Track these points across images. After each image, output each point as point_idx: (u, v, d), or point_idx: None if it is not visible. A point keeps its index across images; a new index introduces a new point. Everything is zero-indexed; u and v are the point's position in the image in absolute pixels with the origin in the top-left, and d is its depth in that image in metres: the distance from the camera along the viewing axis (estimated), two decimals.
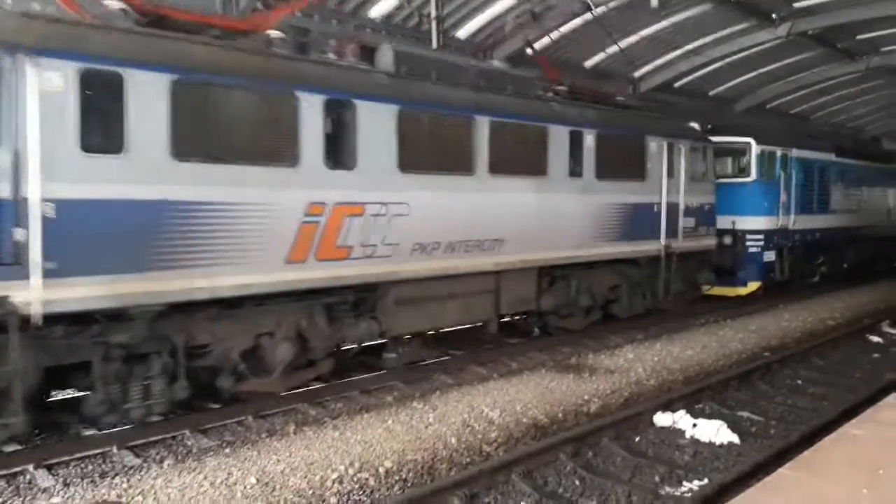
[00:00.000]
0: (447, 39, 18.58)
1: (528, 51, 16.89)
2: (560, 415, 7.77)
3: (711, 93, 32.57)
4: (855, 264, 19.57)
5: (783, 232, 15.77)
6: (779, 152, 15.71)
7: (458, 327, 10.42)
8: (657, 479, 6.33)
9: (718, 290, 14.82)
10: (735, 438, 7.19)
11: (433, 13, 15.05)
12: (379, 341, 8.87)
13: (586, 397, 8.35)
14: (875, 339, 12.49)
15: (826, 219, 17.56)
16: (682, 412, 7.71)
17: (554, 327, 11.25)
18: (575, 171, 10.51)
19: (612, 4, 20.72)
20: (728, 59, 27.45)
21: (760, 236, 15.14)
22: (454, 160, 8.87)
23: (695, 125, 15.09)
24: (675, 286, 12.72)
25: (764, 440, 7.26)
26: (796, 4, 23.65)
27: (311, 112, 7.31)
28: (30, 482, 5.88)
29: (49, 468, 6.09)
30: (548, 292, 10.55)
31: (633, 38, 23.92)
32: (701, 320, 13.17)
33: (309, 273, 7.37)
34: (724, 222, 14.53)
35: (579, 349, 10.68)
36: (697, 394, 8.46)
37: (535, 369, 9.52)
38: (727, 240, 14.66)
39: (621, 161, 11.31)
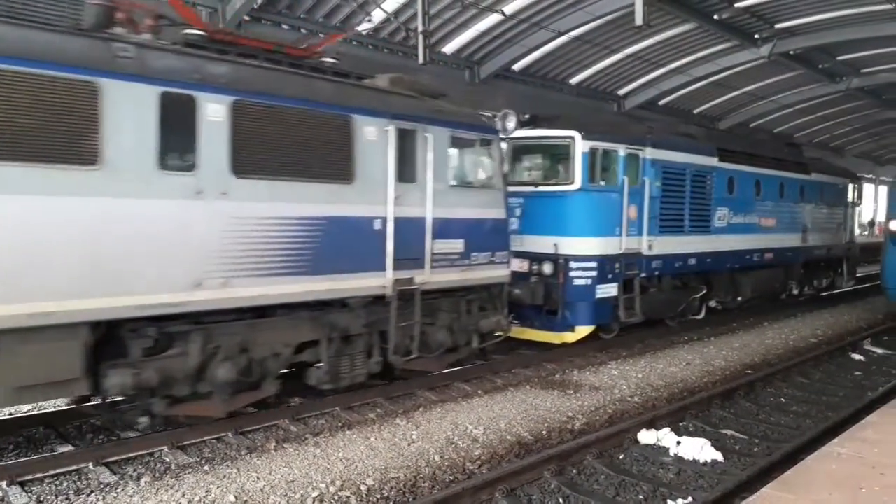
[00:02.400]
0: (434, 54, 18.67)
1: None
2: (544, 432, 7.72)
3: (696, 111, 32.99)
4: (758, 295, 15.81)
5: (632, 258, 11.62)
6: (622, 151, 11.45)
7: None
8: (641, 497, 6.30)
9: (536, 335, 11.36)
10: (719, 456, 7.18)
11: (420, 28, 15.10)
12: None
13: (570, 414, 8.32)
14: (857, 356, 12.58)
15: (707, 241, 13.50)
16: (666, 430, 7.70)
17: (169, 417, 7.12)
18: (176, 160, 6.53)
19: (587, 27, 20.97)
20: (712, 78, 27.86)
21: (591, 264, 11.04)
22: None
23: (501, 112, 11.28)
24: (435, 336, 9.05)
25: (747, 458, 7.26)
26: (778, 25, 24.08)
27: None
28: (2, 499, 5.73)
29: (22, 485, 5.94)
30: (122, 366, 6.37)
31: (618, 56, 24.21)
32: (684, 337, 13.20)
33: None
34: (544, 244, 11.06)
35: (564, 366, 10.65)
36: (681, 411, 8.46)
37: (519, 386, 9.48)
38: (547, 268, 11.01)
39: (299, 150, 7.34)
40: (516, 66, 23.15)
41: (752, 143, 16.86)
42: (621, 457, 7.26)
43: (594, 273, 11.10)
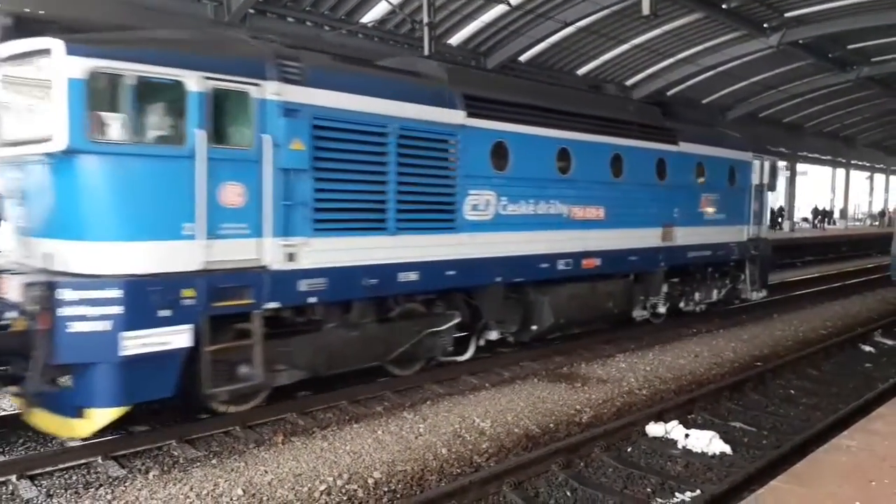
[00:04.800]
0: (440, 46, 18.61)
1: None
2: (552, 425, 7.71)
3: (704, 101, 32.78)
4: (575, 319, 11.01)
5: (238, 278, 6.86)
6: (192, 82, 6.48)
7: None
8: (649, 490, 6.28)
9: (45, 421, 6.64)
10: (727, 449, 7.15)
11: (425, 19, 15.04)
12: None
13: (578, 407, 8.30)
14: (867, 348, 12.49)
15: (449, 242, 8.77)
16: (674, 422, 7.67)
17: None
18: None
19: (594, 17, 20.83)
20: (720, 68, 27.67)
21: (110, 292, 6.13)
22: None
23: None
24: None
25: (756, 451, 7.22)
26: (788, 14, 23.86)
27: None
28: (12, 493, 5.78)
29: (32, 478, 5.98)
30: None
31: (625, 47, 24.06)
32: (693, 329, 13.15)
33: None
34: (38, 254, 6.62)
35: (572, 359, 10.63)
36: (690, 404, 8.42)
37: (527, 379, 9.47)
38: (27, 301, 6.04)
39: None
40: (523, 58, 23.07)
41: (561, 94, 11.04)
42: (629, 450, 7.24)
43: (118, 309, 6.09)
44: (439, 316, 9.17)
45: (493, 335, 10.17)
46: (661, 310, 12.95)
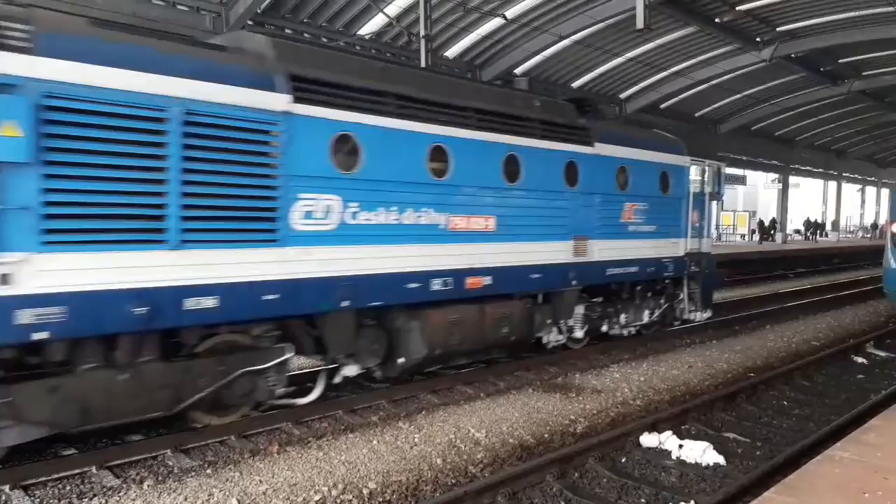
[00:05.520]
0: (436, 58, 18.73)
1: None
2: (546, 435, 7.73)
3: (697, 114, 33.02)
4: (455, 350, 9.04)
5: None
6: None
7: None
8: (643, 500, 6.30)
9: None
10: (721, 460, 7.17)
11: (422, 32, 15.15)
12: None
13: (573, 417, 8.32)
14: (860, 359, 12.55)
15: (270, 259, 7.04)
16: (668, 433, 7.69)
17: None
18: None
19: (588, 31, 21.01)
20: (713, 82, 27.91)
21: None
22: None
23: None
24: None
25: (750, 462, 7.25)
26: (780, 28, 24.12)
27: None
28: (6, 503, 5.75)
29: (25, 489, 5.96)
30: None
31: (619, 60, 24.26)
32: (686, 340, 13.19)
33: None
34: None
35: (566, 368, 10.66)
36: (683, 414, 8.45)
37: (522, 389, 9.49)
38: None
39: None
40: (518, 70, 23.21)
41: (436, 82, 9.18)
42: (623, 460, 7.26)
43: None
44: (261, 351, 7.33)
45: (351, 371, 8.30)
46: (578, 333, 11.12)
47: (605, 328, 11.72)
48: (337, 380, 8.32)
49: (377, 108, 7.90)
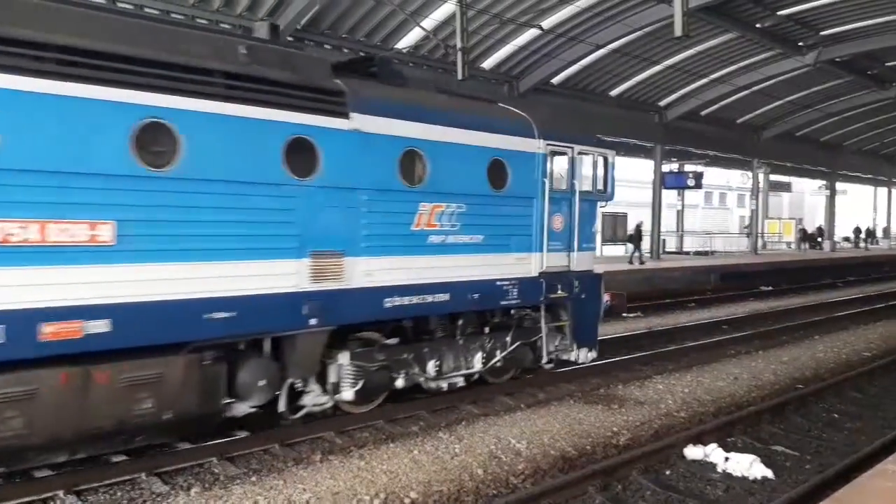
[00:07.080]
0: (473, 70, 18.83)
1: None
2: (588, 447, 7.66)
3: (739, 120, 32.49)
4: (49, 447, 5.84)
5: None
6: None
7: None
8: None
9: None
10: (769, 473, 7.01)
11: (458, 44, 15.26)
12: None
13: (615, 429, 8.23)
14: None
15: None
16: (713, 445, 7.55)
17: None
18: None
19: (626, 39, 20.89)
20: (755, 88, 27.45)
21: None
22: None
23: None
24: None
25: (799, 476, 7.07)
26: (824, 32, 23.65)
27: None
28: None
29: (78, 494, 6.13)
30: None
31: (658, 67, 24.05)
32: (731, 351, 12.94)
33: None
34: None
35: (609, 380, 10.55)
36: (729, 426, 8.29)
37: (563, 400, 9.42)
38: None
39: None
40: (555, 80, 23.22)
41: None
42: (667, 472, 7.14)
43: None
44: None
45: None
46: (347, 394, 7.77)
47: (400, 382, 8.30)
48: None
49: None
